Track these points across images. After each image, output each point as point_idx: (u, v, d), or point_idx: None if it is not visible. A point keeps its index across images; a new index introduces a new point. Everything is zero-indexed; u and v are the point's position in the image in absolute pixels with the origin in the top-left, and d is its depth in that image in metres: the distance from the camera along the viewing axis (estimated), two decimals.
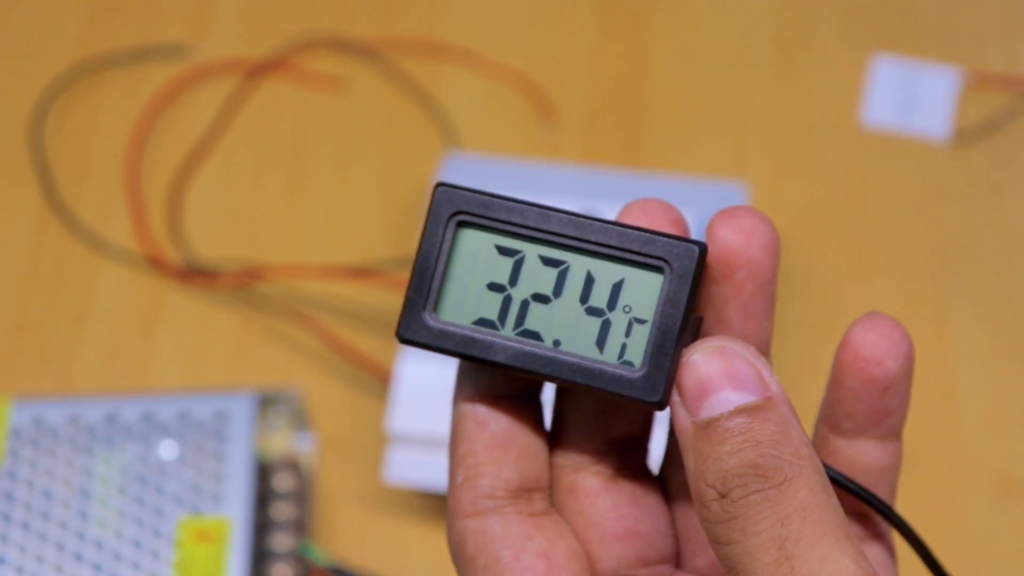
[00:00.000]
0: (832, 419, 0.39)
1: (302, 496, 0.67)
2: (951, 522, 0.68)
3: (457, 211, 0.37)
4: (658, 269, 0.36)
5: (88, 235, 0.77)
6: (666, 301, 0.36)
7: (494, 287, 0.37)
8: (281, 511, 0.66)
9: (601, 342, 0.37)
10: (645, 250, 0.36)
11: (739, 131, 0.80)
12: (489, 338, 0.37)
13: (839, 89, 0.81)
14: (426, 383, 0.66)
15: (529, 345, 0.37)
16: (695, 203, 0.71)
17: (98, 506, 0.65)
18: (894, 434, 0.38)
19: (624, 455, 0.39)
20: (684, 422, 0.35)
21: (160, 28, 0.84)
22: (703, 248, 0.36)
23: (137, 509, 0.65)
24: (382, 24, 0.84)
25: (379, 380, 0.72)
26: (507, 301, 0.37)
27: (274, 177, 0.79)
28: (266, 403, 0.68)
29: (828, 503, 0.34)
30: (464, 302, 0.37)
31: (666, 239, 0.36)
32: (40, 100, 0.81)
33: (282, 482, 0.67)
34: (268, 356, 0.73)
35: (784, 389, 0.35)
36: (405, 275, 0.72)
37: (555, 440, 0.39)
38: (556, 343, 0.37)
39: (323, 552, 0.66)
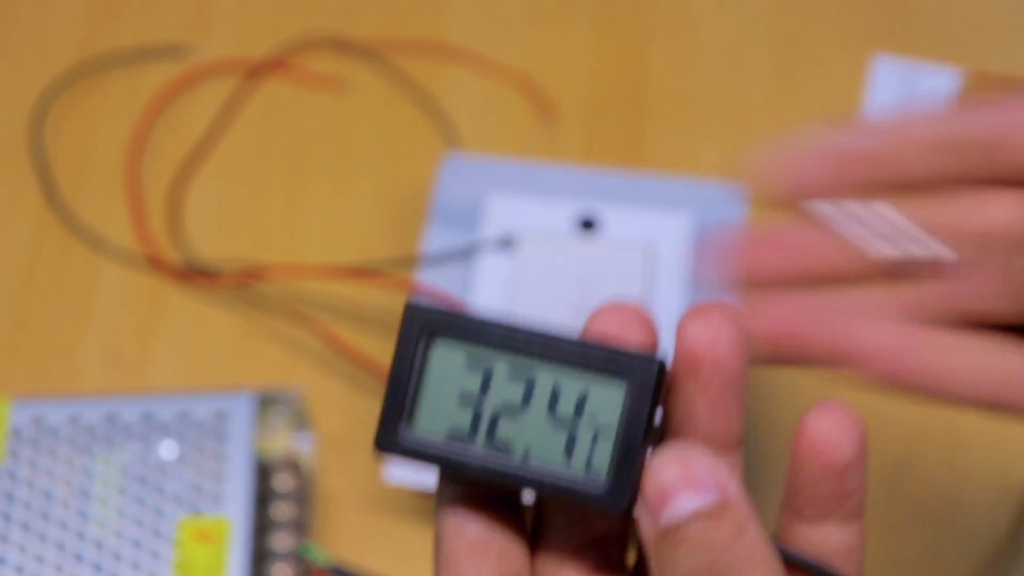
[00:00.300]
0: (794, 506, 0.40)
1: (302, 496, 0.67)
2: (951, 522, 0.67)
3: (428, 328, 0.39)
4: (620, 382, 0.38)
5: (88, 235, 0.77)
6: (629, 413, 0.38)
7: (465, 400, 0.39)
8: (281, 511, 0.66)
9: (568, 452, 0.38)
10: (607, 364, 0.38)
11: (739, 131, 0.80)
12: (462, 450, 0.39)
13: (839, 89, 0.81)
14: None
15: (500, 456, 0.38)
16: (695, 203, 0.71)
17: (98, 506, 0.65)
18: (855, 515, 0.39)
19: (603, 552, 0.40)
20: (648, 529, 0.36)
21: (160, 28, 0.84)
22: (662, 365, 0.38)
23: (137, 509, 0.65)
24: (382, 24, 0.84)
25: (379, 380, 0.72)
26: (478, 414, 0.39)
27: (274, 177, 0.79)
28: (266, 403, 0.68)
29: None
30: (437, 414, 0.39)
31: (626, 355, 0.38)
32: (40, 100, 0.81)
33: (282, 482, 0.67)
34: (268, 356, 0.73)
35: (744, 490, 0.36)
36: (405, 275, 0.72)
37: (536, 539, 0.40)
38: (525, 454, 0.38)
39: (323, 552, 0.66)
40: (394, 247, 0.76)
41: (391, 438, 0.39)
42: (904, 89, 0.80)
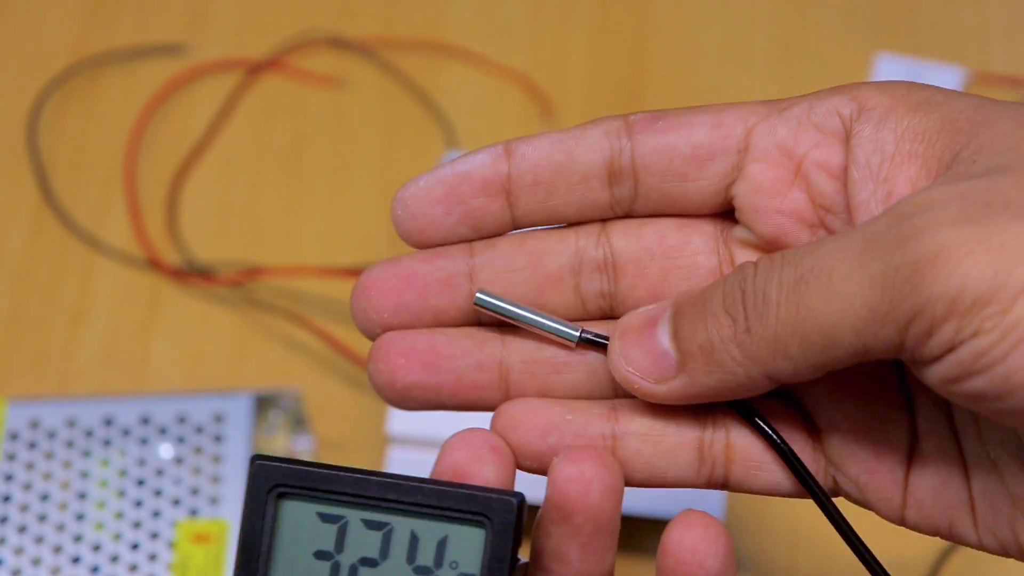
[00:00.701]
0: None
1: None
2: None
3: (275, 484, 0.38)
4: (479, 524, 0.37)
5: (85, 235, 0.76)
6: (491, 557, 0.37)
7: (321, 555, 0.38)
8: None
9: None
10: (463, 506, 0.37)
11: None
12: None
13: None
14: None
15: None
16: None
17: (95, 508, 0.64)
18: None
19: None
20: None
21: (157, 27, 0.83)
22: (520, 500, 0.37)
23: (135, 511, 0.64)
24: (381, 23, 0.84)
25: None
26: (336, 568, 0.38)
27: (272, 177, 0.79)
28: (264, 404, 0.68)
29: None
30: (293, 573, 0.38)
31: (483, 494, 0.37)
32: (37, 99, 0.80)
33: None
34: (266, 356, 0.73)
35: None
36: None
37: None
38: None
39: None
40: (393, 247, 0.76)
41: None
42: None
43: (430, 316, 0.42)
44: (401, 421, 0.65)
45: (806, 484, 0.41)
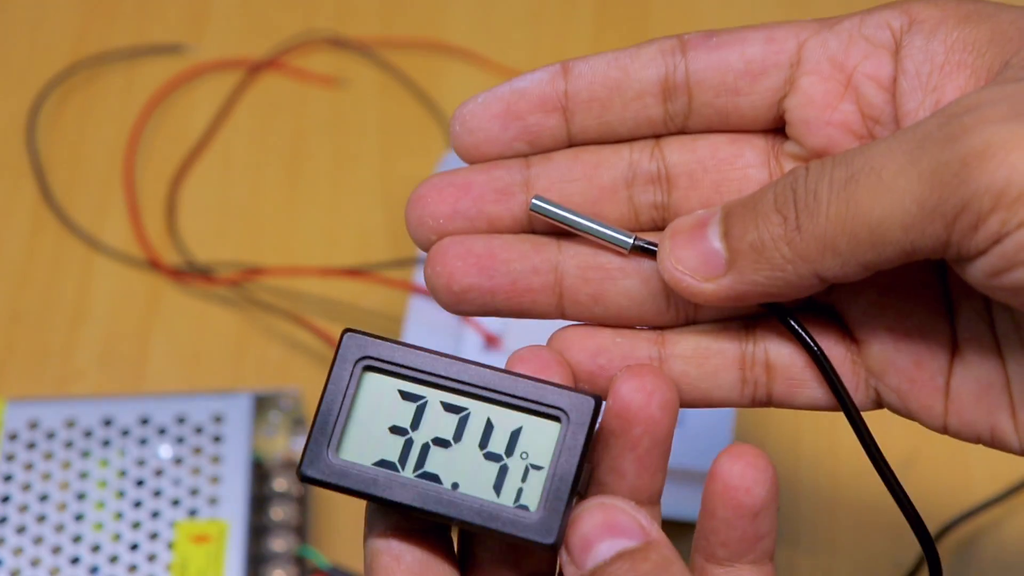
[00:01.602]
0: (707, 549, 0.40)
1: (301, 498, 0.66)
2: (954, 532, 0.67)
3: (363, 356, 0.39)
4: (555, 419, 0.38)
5: (84, 234, 0.76)
6: (562, 450, 0.38)
7: (396, 430, 0.39)
8: (279, 513, 0.66)
9: (498, 486, 0.39)
10: (543, 400, 0.38)
11: None
12: (389, 479, 0.39)
13: None
14: None
15: (428, 487, 0.39)
16: None
17: (95, 509, 0.64)
18: (767, 557, 0.40)
19: None
20: None
21: (156, 27, 0.83)
22: (598, 400, 0.39)
23: (134, 511, 0.64)
24: (380, 23, 0.83)
25: None
26: (408, 444, 0.39)
27: (272, 176, 0.79)
28: (264, 404, 0.68)
29: None
30: (366, 443, 0.39)
31: (564, 390, 0.39)
32: (36, 99, 0.80)
33: (281, 483, 0.66)
34: (266, 356, 0.73)
35: (665, 535, 0.38)
36: (403, 276, 0.72)
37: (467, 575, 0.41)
38: (455, 486, 0.39)
39: (322, 554, 0.65)
40: (392, 247, 0.76)
41: (317, 465, 0.39)
42: None
43: (485, 224, 0.42)
44: None
45: (836, 391, 0.41)
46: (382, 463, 0.39)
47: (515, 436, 0.39)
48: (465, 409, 0.39)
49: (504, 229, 0.43)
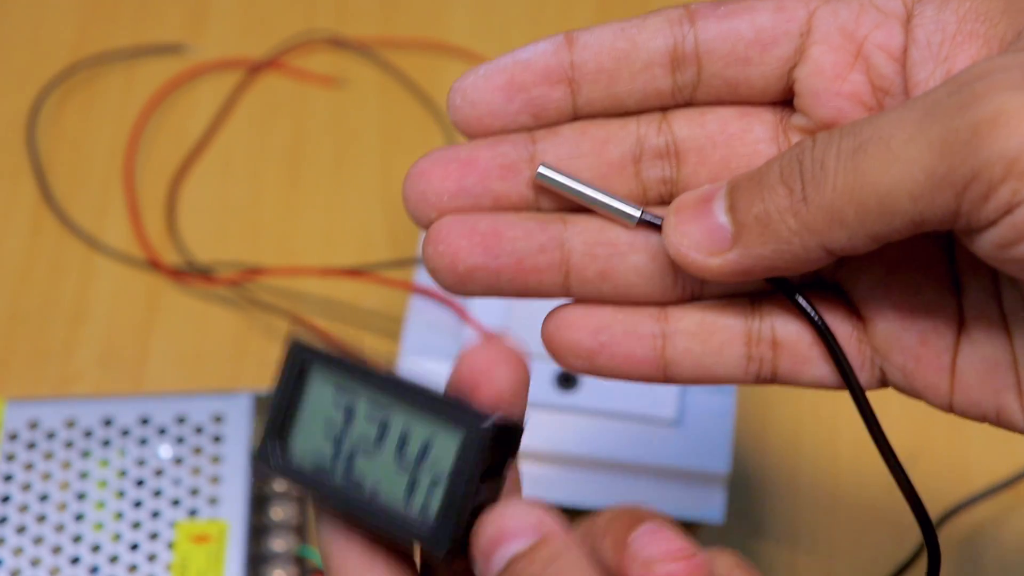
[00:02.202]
0: None
1: (301, 497, 0.66)
2: (953, 523, 0.67)
3: (308, 356, 0.40)
4: (457, 433, 0.39)
5: (84, 234, 0.76)
6: (459, 464, 0.38)
7: (329, 432, 0.40)
8: (279, 513, 0.66)
9: (408, 496, 0.39)
10: (449, 415, 0.39)
11: None
12: (322, 482, 0.40)
13: None
14: None
15: (352, 491, 0.40)
16: None
17: (95, 509, 0.64)
18: None
19: None
20: None
21: (156, 27, 0.83)
22: (494, 423, 0.38)
23: (134, 511, 0.64)
24: (380, 23, 0.83)
25: None
26: (338, 448, 0.40)
27: (272, 177, 0.79)
28: (264, 404, 0.68)
29: None
30: (308, 443, 0.40)
31: (465, 409, 0.38)
32: (36, 99, 0.80)
33: (280, 483, 0.66)
34: (266, 356, 0.73)
35: (565, 526, 0.37)
36: (403, 276, 0.72)
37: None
38: (374, 491, 0.40)
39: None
40: (392, 247, 0.76)
41: (268, 457, 0.40)
42: None
43: (490, 201, 0.41)
44: None
45: (841, 367, 0.41)
46: (318, 464, 0.40)
47: (426, 447, 0.39)
48: (387, 416, 0.39)
49: (509, 207, 0.42)
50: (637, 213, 0.41)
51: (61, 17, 0.84)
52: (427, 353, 0.66)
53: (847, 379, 0.41)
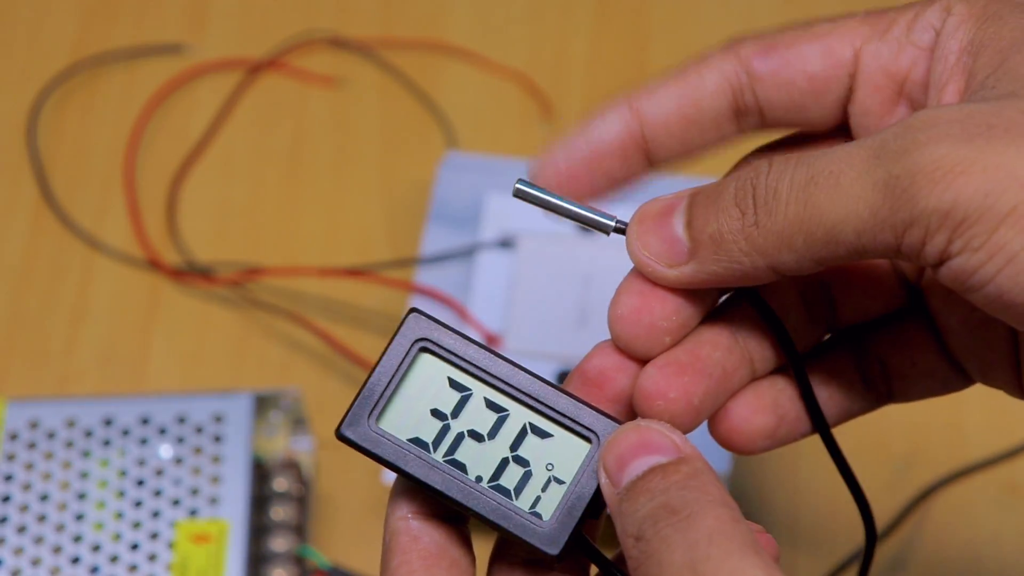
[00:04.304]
0: None
1: (301, 498, 0.66)
2: (954, 523, 0.67)
3: (422, 337, 0.41)
4: (587, 439, 0.40)
5: (84, 234, 0.76)
6: (586, 471, 0.40)
7: (437, 414, 0.41)
8: (280, 513, 0.66)
9: (519, 489, 0.40)
10: (579, 419, 0.40)
11: None
12: (419, 457, 0.40)
13: None
14: None
15: (453, 473, 0.40)
16: None
17: (95, 508, 0.64)
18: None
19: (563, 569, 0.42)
20: (612, 496, 0.39)
21: (156, 27, 0.83)
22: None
23: (134, 511, 0.64)
24: (380, 23, 0.83)
25: None
26: (445, 429, 0.40)
27: (272, 177, 0.79)
28: (264, 404, 0.68)
29: (736, 529, 0.36)
30: (406, 419, 0.41)
31: (599, 415, 0.40)
32: (36, 99, 0.80)
33: (281, 483, 0.66)
34: (266, 356, 0.73)
35: (699, 451, 0.39)
36: (403, 276, 0.72)
37: (495, 550, 0.42)
38: (478, 479, 0.40)
39: (322, 554, 0.65)
40: (392, 247, 0.76)
41: (355, 429, 0.40)
42: None
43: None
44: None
45: (792, 361, 0.43)
46: (416, 441, 0.40)
47: (545, 447, 0.40)
48: (506, 410, 0.40)
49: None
50: (612, 223, 0.42)
51: (61, 17, 0.84)
52: None
53: (797, 372, 0.43)
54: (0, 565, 0.63)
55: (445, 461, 0.40)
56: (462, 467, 0.40)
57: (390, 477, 0.66)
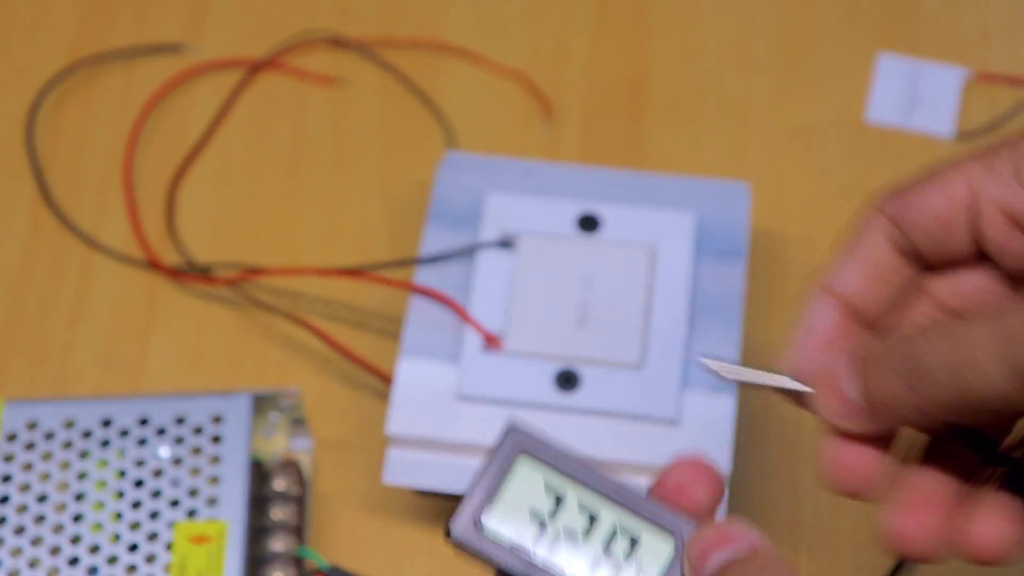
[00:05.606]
0: None
1: (300, 498, 0.66)
2: None
3: (523, 449, 0.45)
4: (672, 536, 0.44)
5: (83, 234, 0.76)
6: (673, 568, 0.44)
7: (535, 516, 0.44)
8: (279, 513, 0.65)
9: None
10: (657, 520, 0.44)
11: (741, 130, 0.80)
12: (521, 559, 0.44)
13: (842, 88, 0.81)
14: (426, 384, 0.66)
15: (554, 570, 0.44)
16: (697, 202, 0.70)
17: (94, 509, 0.64)
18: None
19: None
20: None
21: (156, 27, 0.83)
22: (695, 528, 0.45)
23: (133, 512, 0.64)
24: (380, 23, 0.83)
25: (378, 381, 0.71)
26: (542, 531, 0.44)
27: (271, 177, 0.79)
28: (263, 404, 0.67)
29: None
30: (508, 522, 0.44)
31: (676, 516, 0.44)
32: (35, 98, 0.80)
33: (280, 484, 0.66)
34: (265, 357, 0.73)
35: (771, 544, 0.43)
36: (403, 276, 0.72)
37: None
38: None
39: (321, 555, 0.65)
40: (392, 247, 0.76)
41: (465, 529, 0.44)
42: (907, 88, 0.80)
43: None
44: (401, 422, 0.65)
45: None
46: (517, 546, 0.44)
47: (633, 544, 0.44)
48: (597, 511, 0.44)
49: None
50: (809, 389, 0.46)
51: (61, 16, 0.84)
52: (427, 353, 0.66)
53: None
54: None
55: (544, 564, 0.44)
56: (560, 571, 0.44)
57: (390, 477, 0.66)
